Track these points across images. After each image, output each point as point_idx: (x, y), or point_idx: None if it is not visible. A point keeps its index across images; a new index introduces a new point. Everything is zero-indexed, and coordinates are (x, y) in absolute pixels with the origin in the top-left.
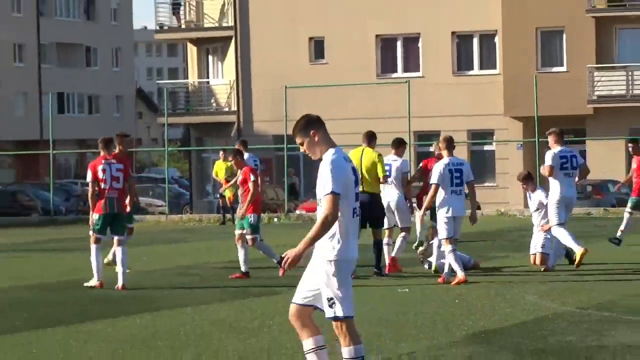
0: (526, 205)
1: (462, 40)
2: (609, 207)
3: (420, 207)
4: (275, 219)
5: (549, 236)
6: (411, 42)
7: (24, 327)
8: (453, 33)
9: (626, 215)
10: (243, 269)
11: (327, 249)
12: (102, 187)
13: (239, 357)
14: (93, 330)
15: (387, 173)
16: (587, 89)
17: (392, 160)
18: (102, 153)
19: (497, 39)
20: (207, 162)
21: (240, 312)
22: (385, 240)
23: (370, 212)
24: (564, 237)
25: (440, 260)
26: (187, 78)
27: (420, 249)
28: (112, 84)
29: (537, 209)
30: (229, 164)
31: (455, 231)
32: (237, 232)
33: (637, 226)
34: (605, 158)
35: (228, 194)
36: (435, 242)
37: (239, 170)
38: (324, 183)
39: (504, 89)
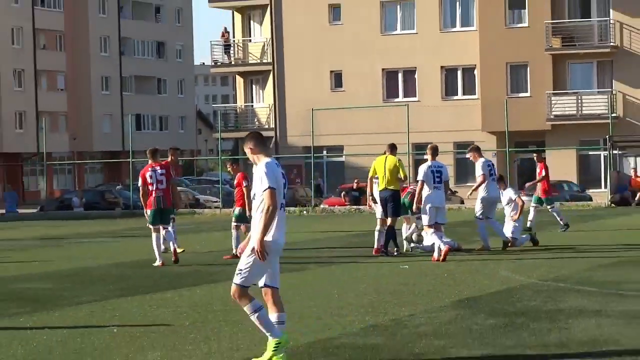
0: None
1: (449, 73)
2: (563, 202)
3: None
4: (304, 212)
5: (517, 224)
6: (409, 74)
7: (111, 295)
8: (442, 67)
9: (531, 209)
10: (234, 251)
11: (257, 234)
12: (151, 188)
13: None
14: (163, 298)
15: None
16: (545, 109)
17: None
18: (150, 161)
19: (476, 72)
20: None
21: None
22: (377, 227)
23: (392, 204)
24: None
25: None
26: (236, 102)
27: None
28: (178, 107)
29: (508, 203)
30: None
31: (440, 218)
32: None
33: (584, 214)
34: (560, 164)
35: None
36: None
37: (235, 175)
38: (262, 182)
39: (482, 110)
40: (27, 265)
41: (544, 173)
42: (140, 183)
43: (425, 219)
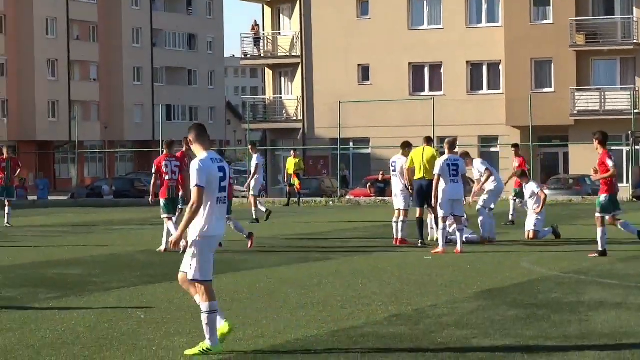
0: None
1: (474, 68)
2: (585, 195)
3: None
4: (330, 202)
5: (540, 217)
6: (435, 68)
7: (138, 282)
8: (467, 62)
9: (511, 202)
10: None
11: (194, 227)
12: (165, 178)
13: (300, 307)
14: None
15: (393, 168)
16: (569, 105)
17: (397, 159)
18: (165, 152)
19: (501, 67)
20: (279, 158)
21: (301, 272)
22: (394, 219)
23: (428, 192)
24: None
25: (464, 235)
26: (265, 94)
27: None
28: (208, 99)
29: (530, 197)
30: (297, 160)
31: (457, 210)
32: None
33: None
34: (583, 158)
35: (296, 182)
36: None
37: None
38: (192, 178)
39: (506, 105)
40: (57, 251)
41: (519, 166)
42: (154, 170)
43: (440, 212)
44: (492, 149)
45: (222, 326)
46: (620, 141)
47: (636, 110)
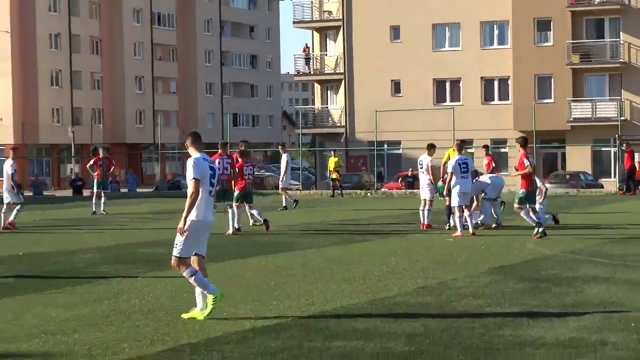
0: None
1: (487, 82)
2: (580, 189)
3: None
4: (368, 194)
5: (542, 206)
6: (455, 83)
7: (210, 260)
8: (482, 77)
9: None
10: (236, 225)
11: (192, 215)
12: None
13: (344, 280)
14: (251, 263)
15: (420, 166)
16: (566, 113)
17: (424, 158)
18: (220, 151)
19: (509, 82)
20: (325, 158)
21: (345, 252)
22: (421, 207)
23: None
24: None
25: (475, 220)
26: (314, 104)
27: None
28: (267, 108)
29: (537, 190)
30: (336, 158)
31: (465, 201)
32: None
33: (596, 199)
34: (577, 158)
35: (334, 176)
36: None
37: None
38: (189, 173)
39: (514, 113)
40: (144, 233)
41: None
42: None
43: (454, 201)
44: (502, 150)
45: (208, 299)
46: (608, 143)
47: (622, 118)
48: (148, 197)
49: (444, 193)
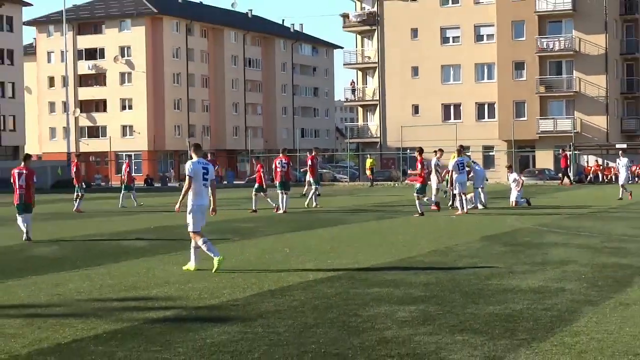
0: (507, 180)
1: (480, 106)
2: (546, 180)
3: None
4: (396, 184)
5: (519, 193)
6: (457, 106)
7: (284, 230)
8: (476, 102)
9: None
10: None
11: (189, 201)
12: (277, 170)
13: (379, 245)
14: (314, 233)
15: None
16: (535, 127)
17: (433, 159)
18: (281, 155)
19: (495, 105)
20: (364, 159)
21: (379, 225)
22: (433, 195)
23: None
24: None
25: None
26: (358, 122)
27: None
28: (325, 125)
29: (513, 181)
30: (371, 159)
31: (463, 189)
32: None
33: (556, 188)
34: (544, 159)
35: (368, 173)
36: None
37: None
38: (186, 171)
39: (499, 127)
40: (237, 213)
41: (420, 167)
42: (274, 166)
43: (456, 190)
44: (490, 154)
45: (214, 260)
46: (565, 149)
47: (575, 130)
48: (241, 188)
49: (448, 185)
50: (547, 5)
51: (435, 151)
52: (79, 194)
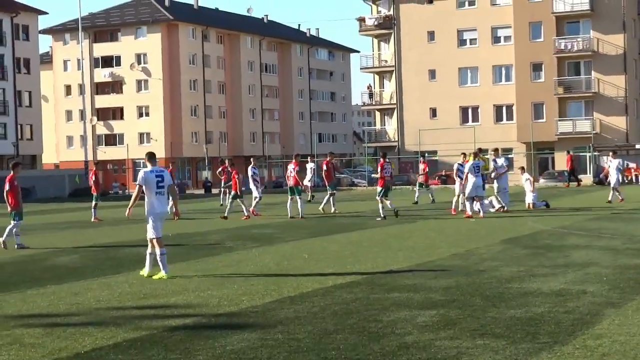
0: (522, 182)
1: (498, 108)
2: (565, 183)
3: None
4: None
5: (534, 194)
6: (475, 109)
7: (304, 237)
8: (494, 105)
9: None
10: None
11: (146, 208)
12: (289, 175)
13: (399, 250)
14: (333, 238)
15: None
16: (554, 129)
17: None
18: (294, 160)
19: (514, 107)
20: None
21: (398, 229)
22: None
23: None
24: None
25: (485, 207)
26: (376, 126)
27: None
28: (343, 129)
29: (526, 181)
30: (392, 164)
31: (479, 192)
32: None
33: (577, 190)
34: (562, 161)
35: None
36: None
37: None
38: (138, 180)
39: (517, 129)
40: (256, 219)
41: (427, 169)
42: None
43: (470, 193)
44: (509, 156)
45: (160, 273)
46: (584, 150)
47: (594, 132)
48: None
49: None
50: (564, 6)
51: (466, 154)
52: (96, 202)
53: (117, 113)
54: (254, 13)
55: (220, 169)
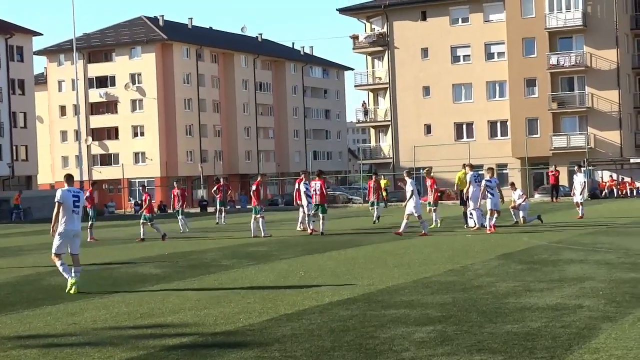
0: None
1: (492, 124)
2: (559, 197)
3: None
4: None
5: (527, 209)
6: (470, 125)
7: (299, 254)
8: (488, 120)
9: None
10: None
11: (59, 226)
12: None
13: (394, 266)
14: (329, 255)
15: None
16: (549, 144)
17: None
18: (302, 177)
19: (508, 123)
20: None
21: (394, 246)
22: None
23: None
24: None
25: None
26: (370, 143)
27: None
28: (337, 147)
29: (519, 197)
30: (386, 181)
31: (476, 203)
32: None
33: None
34: (561, 177)
35: (384, 194)
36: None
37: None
38: (56, 198)
39: (512, 145)
40: (250, 238)
41: (435, 186)
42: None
43: (470, 208)
44: (504, 171)
45: (71, 279)
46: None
47: (588, 146)
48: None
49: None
50: (557, 22)
51: (493, 169)
52: (92, 222)
53: (112, 133)
54: (248, 32)
55: (215, 187)
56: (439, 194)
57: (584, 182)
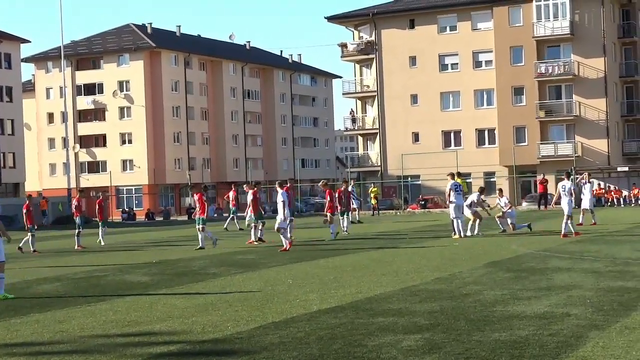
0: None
1: (480, 132)
2: (547, 206)
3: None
4: (397, 213)
5: (514, 216)
6: (457, 133)
7: (288, 262)
8: (476, 129)
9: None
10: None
11: None
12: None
13: (382, 274)
14: (317, 263)
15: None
16: (536, 152)
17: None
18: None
19: (496, 131)
20: (367, 188)
21: (382, 254)
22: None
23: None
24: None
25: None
26: (358, 151)
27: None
28: (325, 154)
29: (504, 204)
30: (375, 189)
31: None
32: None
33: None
34: (549, 185)
35: (373, 202)
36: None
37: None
38: None
39: (499, 153)
40: (240, 245)
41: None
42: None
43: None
44: (492, 179)
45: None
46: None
47: (576, 155)
48: (243, 219)
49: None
50: (545, 31)
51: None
52: (80, 230)
53: (99, 140)
54: (236, 39)
55: (197, 197)
56: (333, 205)
57: (594, 190)
